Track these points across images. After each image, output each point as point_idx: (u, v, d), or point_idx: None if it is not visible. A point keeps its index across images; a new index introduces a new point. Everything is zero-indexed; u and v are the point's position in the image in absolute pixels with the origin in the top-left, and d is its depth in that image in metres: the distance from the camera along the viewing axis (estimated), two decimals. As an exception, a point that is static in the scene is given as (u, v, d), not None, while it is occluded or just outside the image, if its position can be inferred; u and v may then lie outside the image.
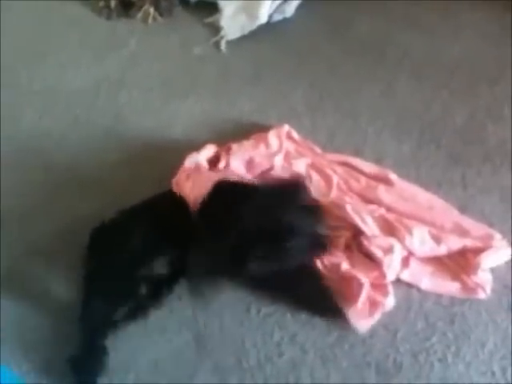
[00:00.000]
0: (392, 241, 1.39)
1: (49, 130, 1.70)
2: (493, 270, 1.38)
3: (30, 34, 1.98)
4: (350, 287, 1.34)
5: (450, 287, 1.36)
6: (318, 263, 1.37)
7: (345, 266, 1.37)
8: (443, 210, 1.46)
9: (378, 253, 1.37)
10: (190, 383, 1.27)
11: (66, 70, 1.86)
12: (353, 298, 1.32)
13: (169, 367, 1.29)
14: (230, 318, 1.34)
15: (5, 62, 1.87)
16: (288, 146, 1.59)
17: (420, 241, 1.38)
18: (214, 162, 1.55)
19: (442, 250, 1.38)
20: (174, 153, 1.57)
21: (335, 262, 1.37)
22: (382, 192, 1.48)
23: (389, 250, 1.37)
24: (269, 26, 1.92)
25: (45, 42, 1.95)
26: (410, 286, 1.37)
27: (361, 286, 1.33)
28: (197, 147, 1.57)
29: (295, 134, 1.62)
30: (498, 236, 1.41)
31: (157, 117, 1.72)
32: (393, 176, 1.52)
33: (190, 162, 1.52)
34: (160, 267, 1.35)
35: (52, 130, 1.70)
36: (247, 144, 1.57)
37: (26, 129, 1.72)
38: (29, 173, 1.60)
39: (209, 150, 1.56)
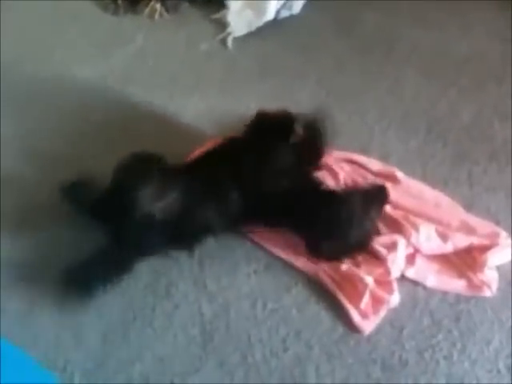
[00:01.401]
0: (396, 237, 1.39)
1: (56, 124, 1.71)
2: (498, 268, 1.38)
3: (36, 30, 1.98)
4: (354, 287, 1.34)
5: (456, 285, 1.36)
6: (321, 263, 1.38)
7: (344, 266, 1.37)
8: (450, 208, 1.46)
9: (382, 250, 1.37)
10: (196, 378, 1.27)
11: (72, 66, 1.86)
12: (356, 299, 1.33)
13: (174, 362, 1.29)
14: (236, 314, 1.35)
15: (11, 56, 1.87)
16: (294, 142, 1.59)
17: (426, 238, 1.39)
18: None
19: (449, 247, 1.38)
20: (180, 147, 1.57)
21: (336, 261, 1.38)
22: (389, 189, 1.48)
23: (392, 247, 1.38)
24: (275, 22, 1.92)
25: (51, 38, 1.95)
26: (415, 283, 1.37)
27: (365, 286, 1.33)
28: (203, 142, 1.58)
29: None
30: (504, 234, 1.41)
31: (163, 112, 1.72)
32: (399, 173, 1.52)
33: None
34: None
35: (58, 124, 1.70)
36: (254, 140, 1.57)
37: (32, 125, 1.72)
38: (32, 162, 1.61)
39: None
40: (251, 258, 1.42)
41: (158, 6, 1.99)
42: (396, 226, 1.41)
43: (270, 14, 1.89)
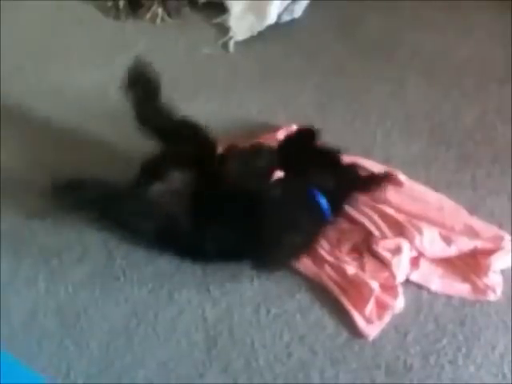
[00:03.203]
0: (400, 241, 1.38)
1: (57, 130, 1.70)
2: (503, 272, 1.38)
3: (37, 34, 1.98)
4: (359, 292, 1.34)
5: (460, 289, 1.36)
6: (326, 267, 1.38)
7: (351, 270, 1.36)
8: (453, 211, 1.46)
9: (387, 254, 1.37)
10: (200, 383, 1.27)
11: (75, 70, 1.86)
12: (361, 304, 1.32)
13: (178, 368, 1.29)
14: (239, 319, 1.34)
15: (12, 60, 1.87)
16: (296, 146, 1.58)
17: (430, 241, 1.38)
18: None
19: (453, 250, 1.38)
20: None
21: (341, 266, 1.38)
22: (391, 193, 1.47)
23: (397, 251, 1.37)
24: (277, 26, 1.91)
25: (53, 42, 1.95)
26: (419, 287, 1.37)
27: (370, 291, 1.33)
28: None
29: (304, 135, 1.62)
30: (508, 237, 1.40)
31: (165, 117, 1.72)
32: (402, 177, 1.51)
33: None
34: None
35: (61, 130, 1.70)
36: (257, 144, 1.57)
37: (34, 130, 1.72)
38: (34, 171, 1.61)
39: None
40: (254, 263, 1.42)
41: (160, 10, 1.99)
42: (399, 230, 1.41)
43: (271, 18, 1.89)
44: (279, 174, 1.44)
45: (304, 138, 1.48)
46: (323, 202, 1.38)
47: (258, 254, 1.36)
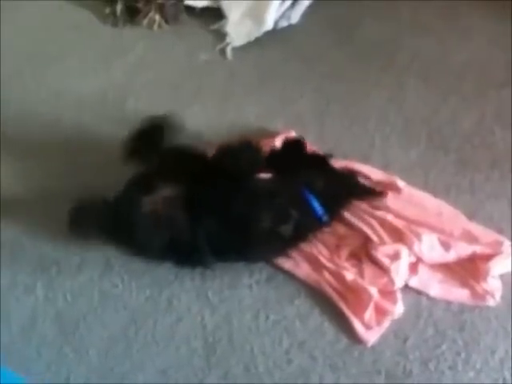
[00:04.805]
0: (398, 247, 1.38)
1: (56, 134, 1.71)
2: (502, 277, 1.37)
3: (36, 40, 1.98)
4: (358, 298, 1.34)
5: (460, 294, 1.36)
6: (324, 273, 1.38)
7: (350, 276, 1.36)
8: (452, 216, 1.46)
9: (385, 260, 1.37)
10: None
11: (73, 77, 1.86)
12: (360, 310, 1.32)
13: (177, 375, 1.29)
14: (238, 326, 1.34)
15: (12, 67, 1.87)
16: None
17: (429, 247, 1.38)
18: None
19: (451, 256, 1.38)
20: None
21: (340, 272, 1.37)
22: (390, 199, 1.47)
23: (395, 257, 1.37)
24: (274, 32, 1.91)
25: (51, 48, 1.95)
26: (419, 292, 1.37)
27: (369, 297, 1.32)
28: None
29: (302, 140, 1.62)
30: (507, 242, 1.40)
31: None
32: (400, 182, 1.51)
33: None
34: None
35: (60, 137, 1.70)
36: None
37: (34, 137, 1.72)
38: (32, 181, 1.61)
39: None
40: (253, 269, 1.42)
41: (157, 16, 1.99)
42: (398, 236, 1.41)
43: (268, 24, 1.89)
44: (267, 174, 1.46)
45: (292, 151, 1.48)
46: (316, 204, 1.38)
47: (250, 246, 1.36)
